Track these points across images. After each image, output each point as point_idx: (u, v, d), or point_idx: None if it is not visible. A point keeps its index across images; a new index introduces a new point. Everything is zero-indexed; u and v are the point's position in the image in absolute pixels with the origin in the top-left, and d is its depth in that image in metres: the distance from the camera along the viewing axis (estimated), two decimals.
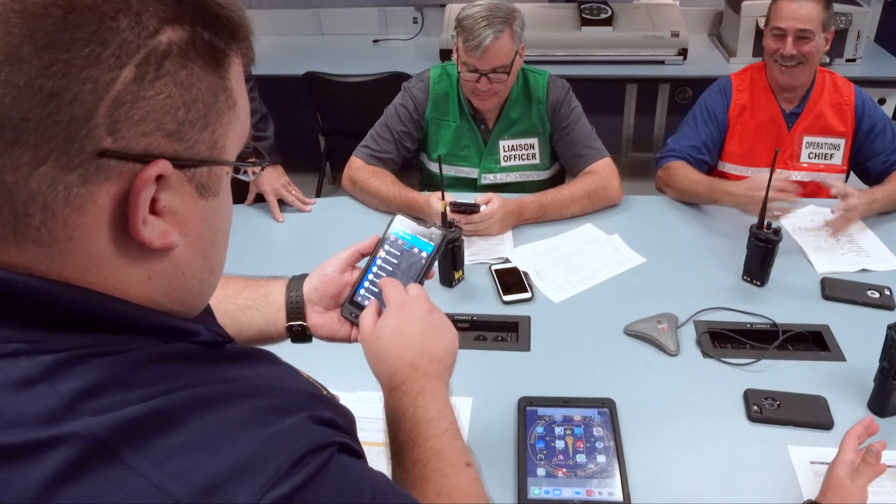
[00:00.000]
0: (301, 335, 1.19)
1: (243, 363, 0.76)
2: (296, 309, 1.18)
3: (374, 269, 1.17)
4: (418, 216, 2.13)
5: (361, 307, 1.15)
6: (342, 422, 0.77)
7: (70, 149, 0.58)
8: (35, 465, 0.56)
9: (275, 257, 2.28)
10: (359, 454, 0.76)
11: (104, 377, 0.61)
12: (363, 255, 1.20)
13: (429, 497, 0.92)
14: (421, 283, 1.14)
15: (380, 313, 1.12)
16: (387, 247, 1.18)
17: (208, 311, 0.84)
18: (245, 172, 0.78)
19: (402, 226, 1.18)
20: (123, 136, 0.60)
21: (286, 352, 0.94)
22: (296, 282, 1.21)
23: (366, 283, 1.17)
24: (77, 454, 0.57)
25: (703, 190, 2.41)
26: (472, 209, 2.18)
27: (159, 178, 0.63)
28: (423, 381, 1.04)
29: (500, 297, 1.99)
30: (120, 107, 0.59)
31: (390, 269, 1.16)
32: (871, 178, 2.55)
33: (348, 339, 1.19)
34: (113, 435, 0.58)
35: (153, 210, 0.64)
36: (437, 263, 2.01)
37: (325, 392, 0.83)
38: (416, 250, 1.16)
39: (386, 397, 1.05)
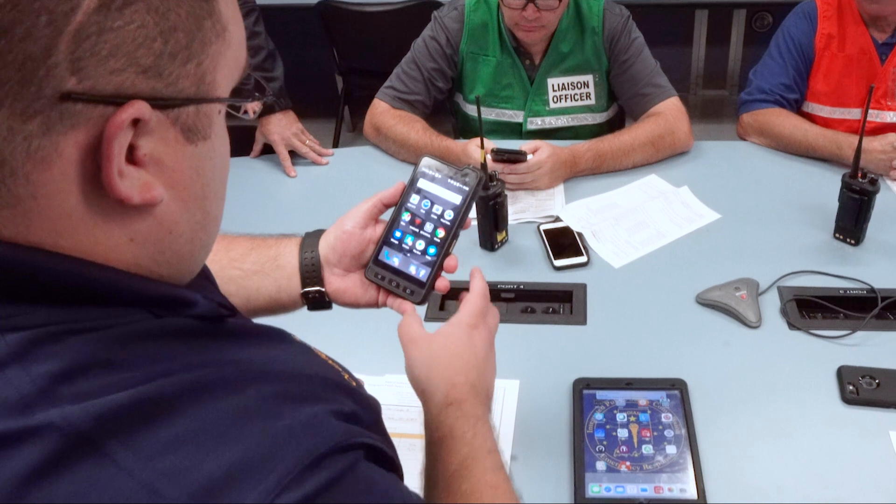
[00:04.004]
0: (319, 302, 1.19)
1: (249, 342, 0.76)
2: (312, 272, 1.17)
3: (402, 221, 1.16)
4: None
5: (388, 267, 1.15)
6: (366, 415, 0.77)
7: (27, 93, 0.56)
8: (7, 459, 0.56)
9: (286, 218, 2.29)
10: (388, 457, 0.76)
11: (85, 357, 0.61)
12: (387, 206, 1.19)
13: None
14: (456, 234, 1.14)
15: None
16: (414, 195, 1.16)
17: (207, 277, 0.83)
18: (245, 112, 0.76)
19: (431, 169, 1.16)
20: (89, 74, 0.58)
21: (299, 327, 0.94)
22: (310, 240, 1.20)
23: (392, 240, 1.16)
24: (55, 447, 0.56)
25: (823, 144, 2.36)
26: (517, 157, 2.17)
27: (136, 122, 0.61)
28: (482, 409, 1.05)
29: (551, 263, 1.99)
30: (83, 41, 0.57)
31: (420, 220, 1.15)
32: None
33: (375, 304, 1.19)
34: (96, 425, 0.57)
35: (132, 160, 0.63)
36: (474, 215, 2.01)
37: (346, 376, 0.83)
38: (448, 196, 1.15)
39: (436, 412, 1.04)
